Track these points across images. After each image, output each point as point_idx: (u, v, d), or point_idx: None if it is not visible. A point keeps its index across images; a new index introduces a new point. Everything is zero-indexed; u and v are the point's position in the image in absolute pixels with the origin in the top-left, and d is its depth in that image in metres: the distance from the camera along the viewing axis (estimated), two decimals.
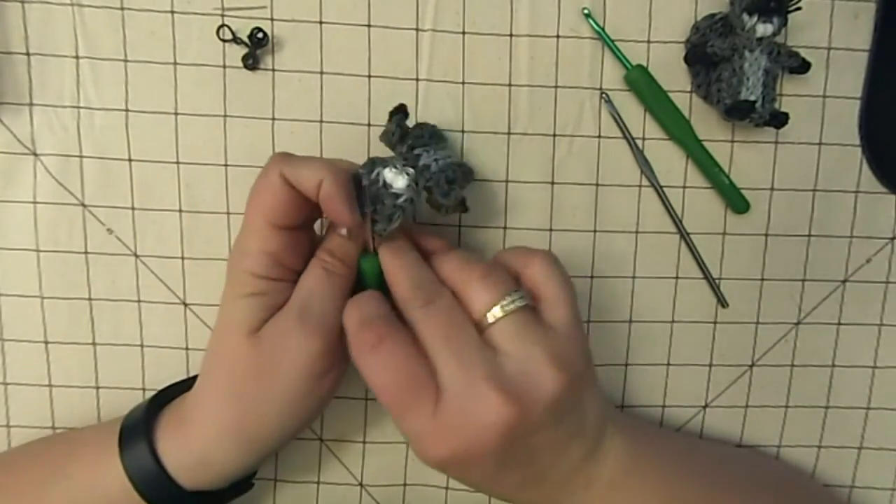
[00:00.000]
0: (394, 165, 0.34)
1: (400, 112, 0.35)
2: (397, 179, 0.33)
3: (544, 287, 0.33)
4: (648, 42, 0.40)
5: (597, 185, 0.41)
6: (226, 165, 0.40)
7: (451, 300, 0.32)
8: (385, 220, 0.33)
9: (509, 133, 0.40)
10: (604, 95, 0.40)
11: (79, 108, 0.39)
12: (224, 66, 0.39)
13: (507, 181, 0.40)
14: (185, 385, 0.37)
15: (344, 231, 0.34)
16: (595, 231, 0.41)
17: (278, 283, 0.34)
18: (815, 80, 0.40)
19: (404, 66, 0.39)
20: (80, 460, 0.35)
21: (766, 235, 0.42)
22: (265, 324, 0.33)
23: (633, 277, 0.42)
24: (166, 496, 0.33)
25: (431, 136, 0.35)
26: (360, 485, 0.43)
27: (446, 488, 0.43)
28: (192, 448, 0.33)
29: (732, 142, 0.41)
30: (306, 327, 0.32)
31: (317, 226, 0.37)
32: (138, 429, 0.34)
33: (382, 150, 0.40)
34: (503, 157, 0.40)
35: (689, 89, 0.40)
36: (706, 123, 0.41)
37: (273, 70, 0.39)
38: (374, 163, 0.34)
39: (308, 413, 0.34)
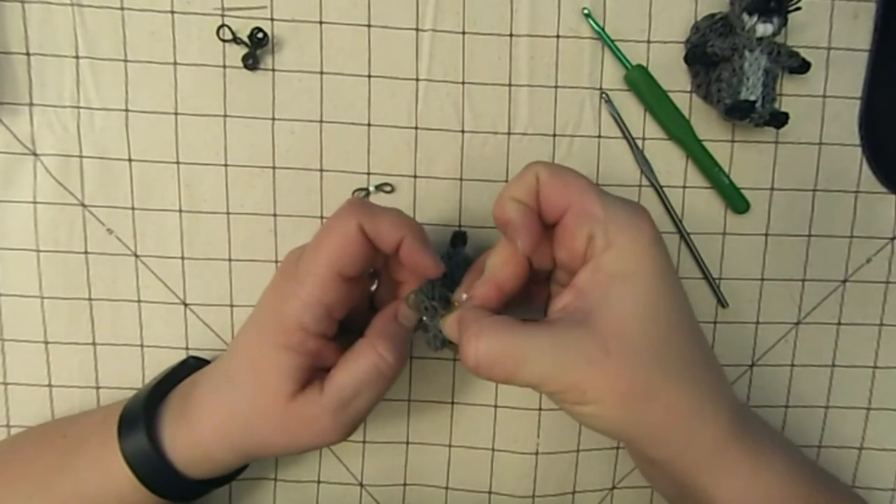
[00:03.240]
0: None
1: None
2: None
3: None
4: (648, 42, 0.40)
5: (597, 185, 0.41)
6: (226, 165, 0.40)
7: None
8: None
9: (509, 133, 0.40)
10: (604, 95, 0.40)
11: (79, 108, 0.39)
12: (224, 66, 0.39)
13: (507, 181, 0.40)
14: (183, 373, 0.38)
15: (405, 321, 0.34)
16: None
17: (321, 339, 0.32)
18: (815, 80, 0.40)
19: (404, 66, 0.39)
20: (85, 453, 0.36)
21: (766, 235, 0.42)
22: (300, 392, 0.32)
23: None
24: (170, 484, 0.34)
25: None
26: (360, 485, 0.43)
27: (446, 488, 0.43)
28: (196, 445, 0.34)
29: (732, 142, 0.41)
30: (338, 423, 0.32)
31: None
32: (137, 421, 0.34)
33: (381, 150, 0.40)
34: (503, 157, 0.40)
35: (689, 89, 0.40)
36: (706, 123, 0.41)
37: (273, 70, 0.39)
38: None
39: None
